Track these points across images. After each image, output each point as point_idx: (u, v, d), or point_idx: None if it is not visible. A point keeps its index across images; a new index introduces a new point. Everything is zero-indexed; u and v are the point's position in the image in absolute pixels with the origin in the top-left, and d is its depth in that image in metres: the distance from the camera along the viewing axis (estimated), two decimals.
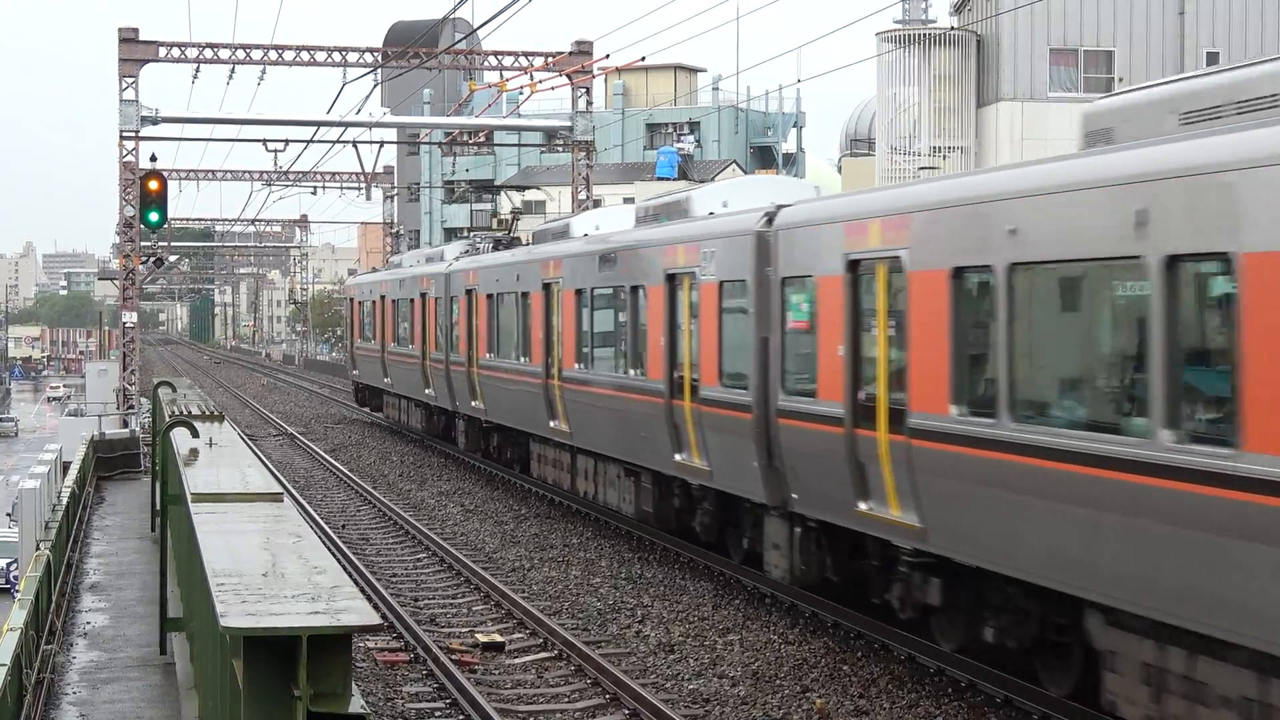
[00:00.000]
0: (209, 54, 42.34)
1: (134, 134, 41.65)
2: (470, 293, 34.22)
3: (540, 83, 43.40)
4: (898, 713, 15.00)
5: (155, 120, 41.91)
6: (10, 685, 11.75)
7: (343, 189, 76.00)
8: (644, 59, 41.47)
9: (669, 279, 21.59)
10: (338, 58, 42.92)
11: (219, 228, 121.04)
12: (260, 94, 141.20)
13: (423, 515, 29.50)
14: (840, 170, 75.82)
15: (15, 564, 32.96)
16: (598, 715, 15.45)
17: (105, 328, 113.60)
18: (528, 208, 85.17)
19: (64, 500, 22.49)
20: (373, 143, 55.23)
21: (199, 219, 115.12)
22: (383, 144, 56.16)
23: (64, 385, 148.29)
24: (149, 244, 51.52)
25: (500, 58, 45.68)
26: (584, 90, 44.91)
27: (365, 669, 17.15)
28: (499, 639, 18.50)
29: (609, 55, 53.15)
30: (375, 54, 44.60)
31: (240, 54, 42.56)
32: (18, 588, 18.58)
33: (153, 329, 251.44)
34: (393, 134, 61.57)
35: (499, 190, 48.29)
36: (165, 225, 43.48)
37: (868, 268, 16.04)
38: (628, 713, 15.29)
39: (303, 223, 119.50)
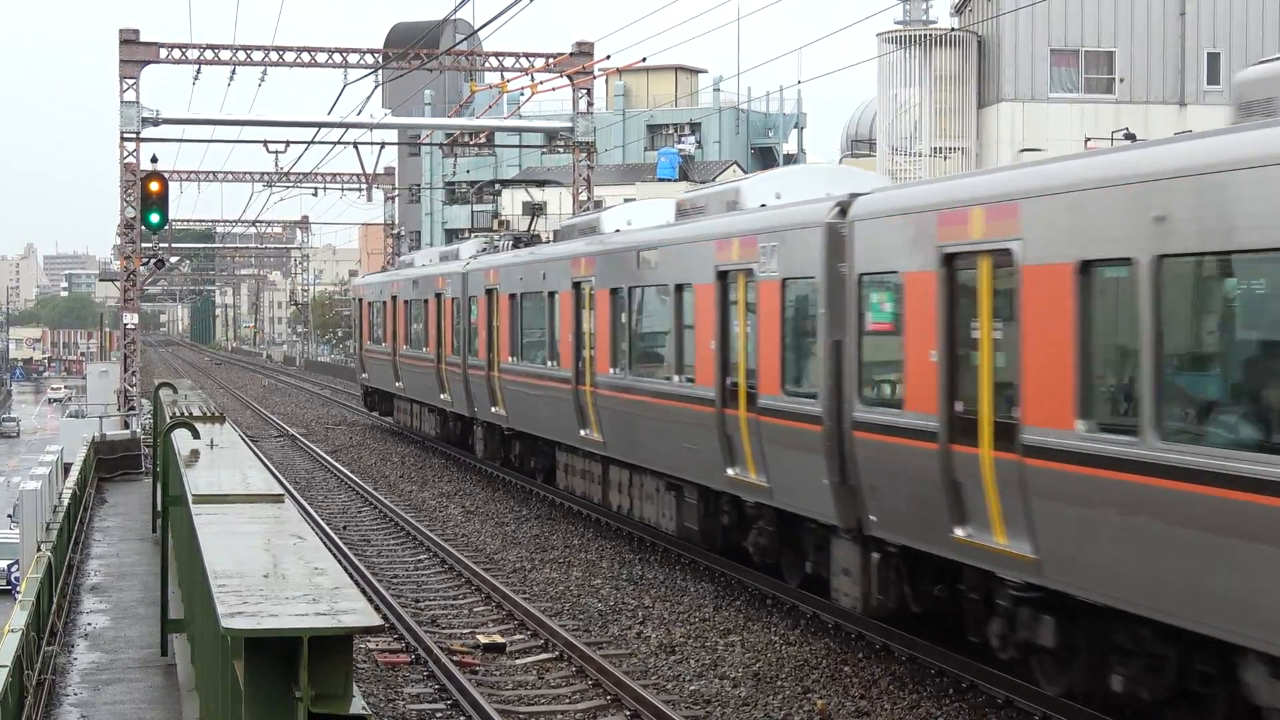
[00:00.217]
0: (210, 55, 42.37)
1: (135, 135, 41.69)
2: (490, 292, 32.35)
3: (541, 84, 43.43)
4: (899, 713, 14.99)
5: (156, 121, 41.95)
6: (11, 686, 11.75)
7: (344, 190, 76.01)
8: (645, 60, 41.50)
9: (721, 276, 19.78)
10: (339, 59, 42.94)
11: (220, 229, 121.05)
12: (261, 95, 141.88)
13: (424, 516, 29.49)
14: None
15: (16, 565, 32.97)
16: (599, 716, 15.44)
17: (106, 329, 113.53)
18: (528, 209, 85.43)
19: (65, 501, 22.49)
20: (374, 144, 55.27)
21: (200, 220, 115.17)
22: (383, 145, 56.23)
23: (65, 387, 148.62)
24: (150, 245, 51.56)
25: (501, 59, 45.71)
26: (585, 91, 44.92)
27: (366, 670, 17.14)
28: (500, 640, 18.49)
29: (610, 56, 53.17)
30: (376, 55, 44.62)
31: (241, 55, 42.59)
32: (19, 589, 18.58)
33: (154, 330, 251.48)
34: (393, 135, 61.68)
35: (520, 185, 46.72)
36: (166, 227, 43.52)
37: (967, 262, 14.28)
38: (629, 714, 15.29)
39: (304, 224, 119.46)
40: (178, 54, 42.28)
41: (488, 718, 15.06)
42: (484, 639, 18.54)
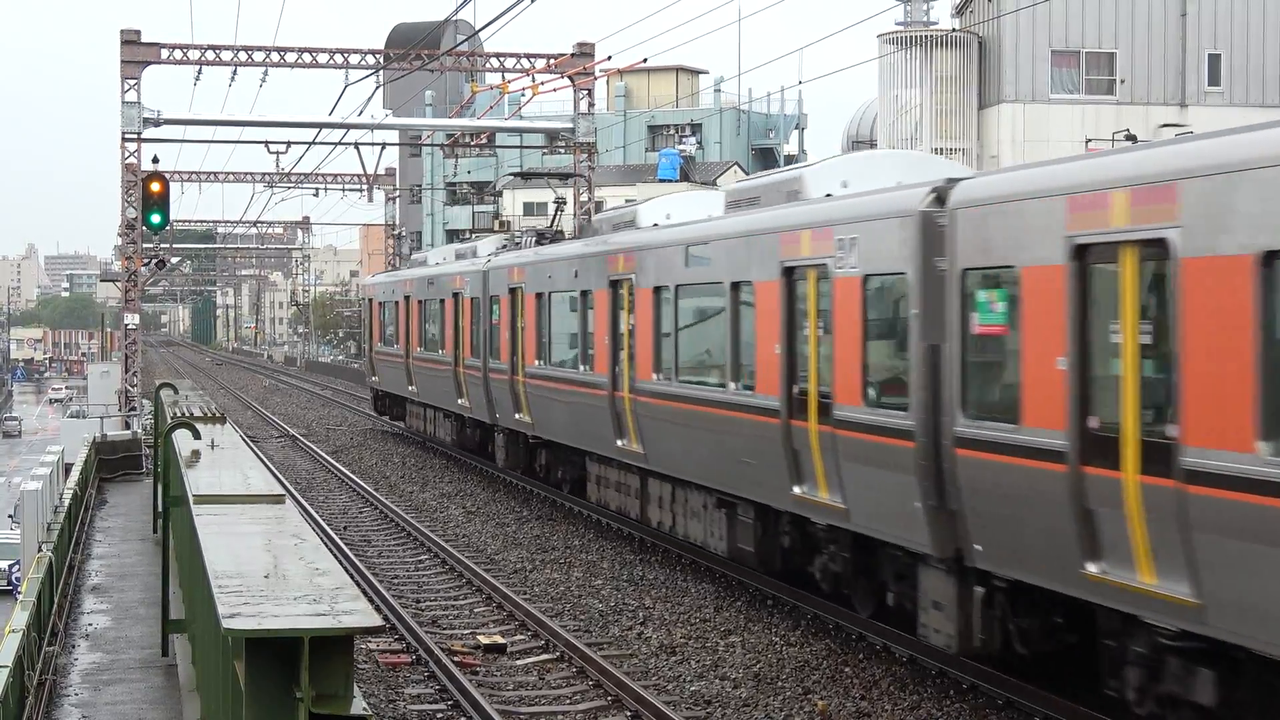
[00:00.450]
0: (211, 55, 42.38)
1: (136, 136, 41.70)
2: (515, 291, 30.24)
3: (542, 84, 43.46)
4: (900, 714, 14.99)
5: (157, 122, 41.97)
6: (12, 687, 11.75)
7: (345, 191, 76.05)
8: (646, 60, 41.61)
9: (787, 273, 17.77)
10: (340, 59, 42.95)
11: (221, 229, 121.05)
12: (262, 96, 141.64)
13: (424, 517, 29.50)
14: None
15: (17, 565, 32.97)
16: (600, 717, 15.45)
17: (107, 329, 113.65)
18: (529, 210, 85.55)
19: (66, 502, 22.49)
20: (374, 144, 55.22)
21: (201, 221, 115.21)
22: (384, 146, 56.13)
23: (66, 387, 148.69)
24: (151, 246, 51.58)
25: (502, 59, 45.73)
26: (586, 92, 44.93)
27: (367, 671, 17.15)
28: (501, 641, 18.49)
29: (611, 57, 53.25)
30: (377, 56, 44.63)
31: (242, 55, 42.60)
32: (20, 589, 18.59)
33: (155, 331, 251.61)
34: (394, 136, 61.68)
35: (541, 178, 44.57)
36: (167, 227, 43.53)
37: (1105, 254, 12.40)
38: (629, 715, 15.29)
39: (305, 224, 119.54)
40: (179, 54, 42.30)
41: (488, 718, 15.07)
42: (485, 639, 18.55)
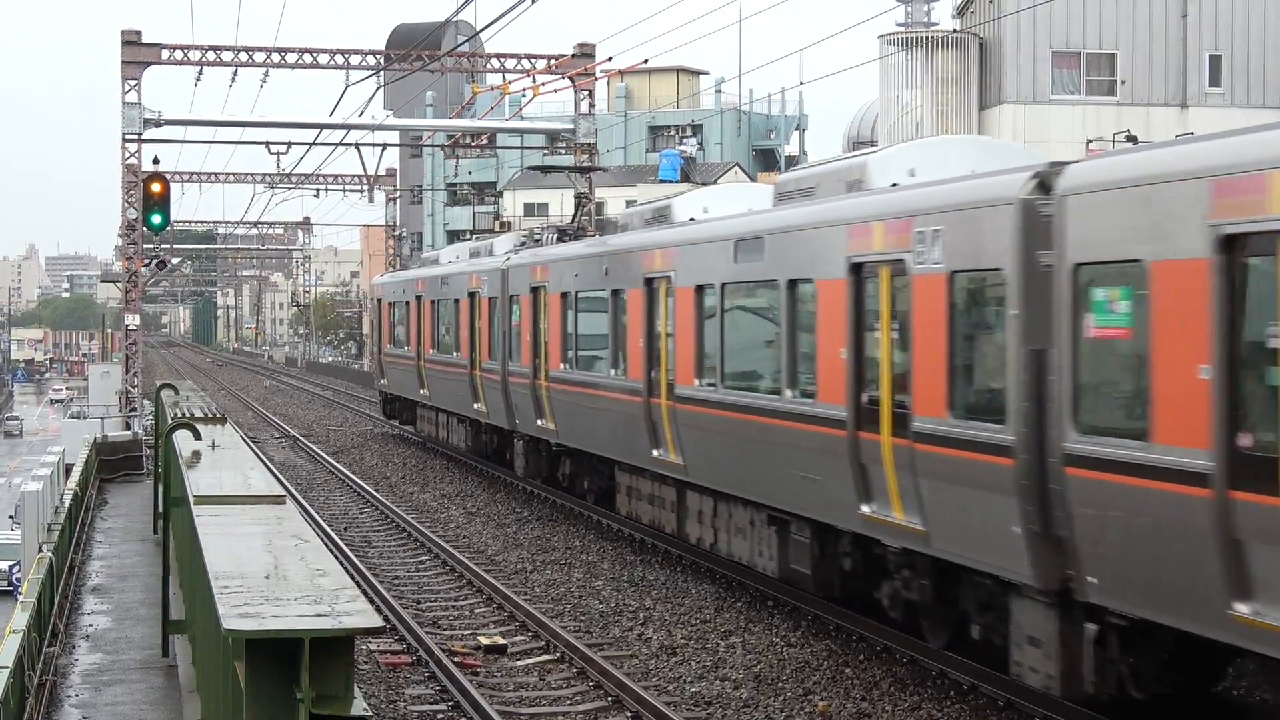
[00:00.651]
0: (212, 56, 42.43)
1: (137, 136, 41.75)
2: (537, 291, 28.67)
3: (543, 85, 43.49)
4: (900, 715, 14.99)
5: (158, 123, 42.01)
6: (13, 687, 11.75)
7: (345, 191, 76.14)
8: (646, 61, 41.57)
9: (855, 270, 16.17)
10: (340, 60, 42.98)
11: (221, 230, 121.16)
12: (263, 96, 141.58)
13: (425, 518, 29.50)
14: None
15: (18, 566, 32.97)
16: (600, 718, 15.44)
17: (108, 330, 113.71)
18: (529, 210, 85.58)
19: (66, 502, 22.49)
20: (375, 145, 55.30)
21: (202, 221, 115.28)
22: (385, 146, 56.18)
23: (67, 388, 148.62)
24: (152, 246, 51.57)
25: (503, 60, 45.78)
26: (586, 93, 44.95)
27: (367, 671, 17.15)
28: (501, 641, 18.49)
29: (611, 58, 53.23)
30: (378, 56, 44.68)
31: (243, 56, 42.64)
32: (20, 590, 18.60)
33: (155, 331, 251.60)
34: (395, 136, 61.67)
35: (565, 173, 42.83)
36: (168, 228, 43.57)
37: (1261, 244, 10.84)
38: (630, 715, 15.29)
39: (305, 225, 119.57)
40: (180, 55, 42.33)
41: (489, 719, 15.07)
42: (485, 640, 18.55)
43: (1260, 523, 10.79)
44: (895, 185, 16.57)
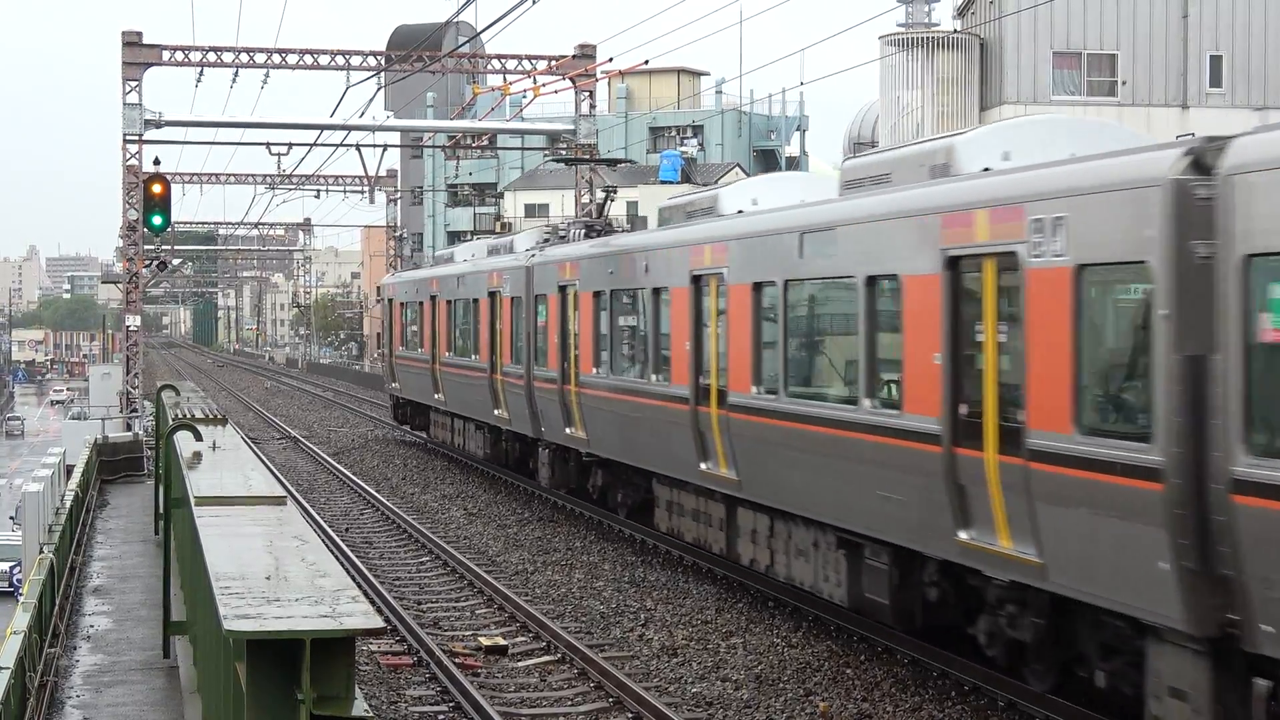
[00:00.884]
0: (212, 57, 42.44)
1: (137, 137, 41.75)
2: (565, 289, 26.94)
3: (543, 86, 43.49)
4: (901, 716, 14.99)
5: (159, 124, 42.00)
6: (13, 688, 11.76)
7: (346, 192, 76.18)
8: (647, 62, 41.55)
9: (950, 264, 14.39)
10: (341, 61, 42.99)
11: (222, 231, 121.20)
12: (264, 97, 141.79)
13: (426, 519, 29.51)
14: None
15: (18, 567, 32.99)
16: (601, 718, 15.45)
17: (109, 331, 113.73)
18: (530, 211, 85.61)
19: (67, 503, 22.50)
20: (376, 146, 55.36)
21: (202, 222, 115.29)
22: (386, 147, 56.11)
23: (67, 389, 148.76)
24: (152, 247, 51.63)
25: (503, 61, 45.80)
26: (587, 93, 44.95)
27: (368, 672, 17.15)
28: (502, 642, 18.49)
29: (612, 59, 53.24)
30: (379, 57, 44.69)
31: (244, 57, 42.65)
32: (21, 591, 18.60)
33: (156, 332, 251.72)
34: (396, 137, 61.73)
35: (588, 164, 41.20)
36: (168, 229, 43.58)
37: None
38: (631, 716, 15.29)
39: (306, 226, 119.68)
40: (180, 56, 42.35)
41: None
42: (486, 641, 18.55)
43: None
44: (988, 170, 14.82)
